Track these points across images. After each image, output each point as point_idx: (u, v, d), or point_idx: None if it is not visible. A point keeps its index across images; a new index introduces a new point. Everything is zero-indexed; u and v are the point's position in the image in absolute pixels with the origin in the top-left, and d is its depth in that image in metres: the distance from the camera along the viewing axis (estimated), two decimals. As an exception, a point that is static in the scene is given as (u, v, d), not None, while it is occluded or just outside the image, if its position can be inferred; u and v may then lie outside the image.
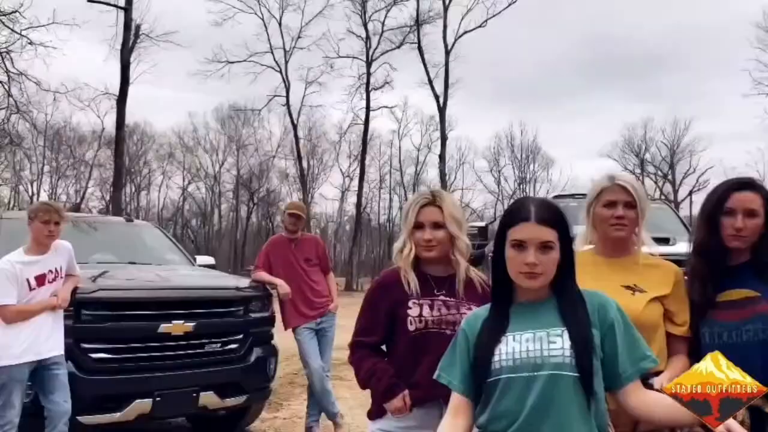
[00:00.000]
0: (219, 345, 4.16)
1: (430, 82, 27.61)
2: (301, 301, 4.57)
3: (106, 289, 3.85)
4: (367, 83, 29.67)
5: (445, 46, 27.85)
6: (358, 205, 32.14)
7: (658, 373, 2.02)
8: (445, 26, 27.77)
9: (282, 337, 4.74)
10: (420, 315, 2.05)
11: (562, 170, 72.18)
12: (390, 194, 43.87)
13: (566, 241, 1.59)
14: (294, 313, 4.58)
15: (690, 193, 39.08)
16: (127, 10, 19.92)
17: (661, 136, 40.39)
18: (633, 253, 2.18)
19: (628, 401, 1.55)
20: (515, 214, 1.59)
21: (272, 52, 30.16)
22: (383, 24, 29.20)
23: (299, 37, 29.97)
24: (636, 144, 41.04)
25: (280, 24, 30.09)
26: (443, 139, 27.75)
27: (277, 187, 43.38)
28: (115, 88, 20.67)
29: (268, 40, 29.95)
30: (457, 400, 1.60)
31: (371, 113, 30.44)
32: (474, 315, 1.71)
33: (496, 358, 1.54)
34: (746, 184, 2.14)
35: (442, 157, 27.88)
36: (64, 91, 21.80)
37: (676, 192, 40.08)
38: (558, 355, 1.49)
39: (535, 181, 43.64)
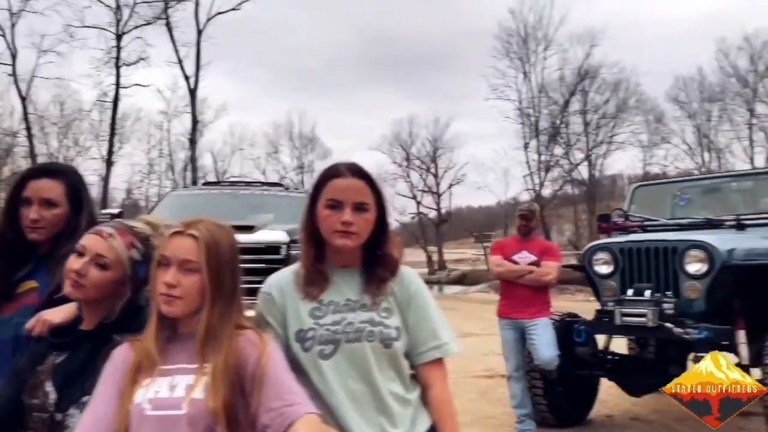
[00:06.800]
0: None
1: (180, 62, 26.21)
2: None
3: None
4: (117, 58, 27.20)
5: (197, 25, 26.60)
6: (105, 189, 29.41)
7: None
8: (197, 5, 26.55)
9: None
10: None
11: (339, 160, 74.42)
12: (160, 179, 41.29)
13: None
14: None
15: (450, 186, 42.64)
16: None
17: (426, 132, 43.24)
18: None
19: None
20: None
21: (-7, 13, 26.24)
22: (135, -5, 26.98)
23: (30, -2, 26.40)
24: (403, 139, 43.43)
25: (4, -19, 26.25)
26: (194, 122, 26.50)
27: (23, 168, 38.29)
28: None
29: (-12, -2, 25.99)
30: None
31: (126, 90, 28.06)
32: None
33: None
34: (46, 171, 2.00)
35: (193, 141, 26.64)
36: None
37: (438, 185, 43.33)
38: None
39: (313, 170, 44.24)
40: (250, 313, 1.63)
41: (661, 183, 7.28)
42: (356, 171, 1.62)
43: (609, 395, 5.68)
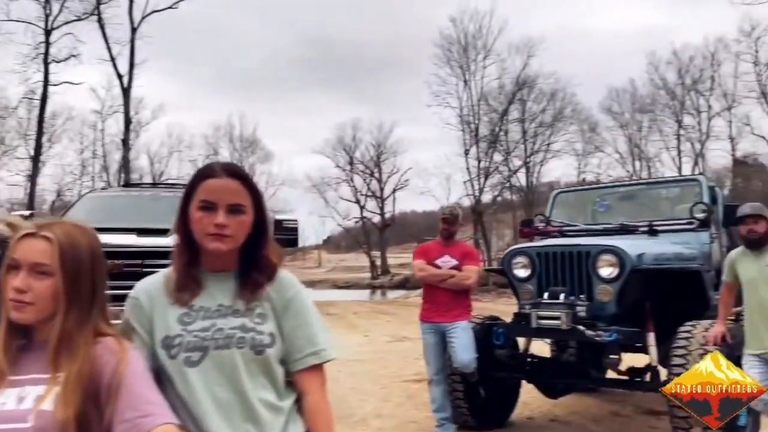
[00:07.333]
0: None
1: (113, 60, 25.37)
2: None
3: None
4: (46, 54, 26.06)
5: (131, 23, 25.80)
6: (32, 190, 28.07)
7: None
8: (131, 2, 25.75)
9: None
10: None
11: (281, 163, 74.12)
12: (93, 181, 39.85)
13: None
14: None
15: (394, 191, 42.94)
16: None
17: (369, 137, 43.44)
18: None
19: None
20: None
21: None
22: (66, -10, 25.94)
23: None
24: (346, 143, 43.47)
25: None
26: (127, 122, 25.66)
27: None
28: None
29: None
30: None
31: (56, 88, 26.89)
32: None
33: None
34: None
35: (125, 141, 25.80)
36: None
37: (382, 189, 43.54)
38: None
39: (254, 173, 43.68)
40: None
41: (580, 189, 7.50)
42: (232, 171, 1.56)
43: (532, 397, 5.78)
